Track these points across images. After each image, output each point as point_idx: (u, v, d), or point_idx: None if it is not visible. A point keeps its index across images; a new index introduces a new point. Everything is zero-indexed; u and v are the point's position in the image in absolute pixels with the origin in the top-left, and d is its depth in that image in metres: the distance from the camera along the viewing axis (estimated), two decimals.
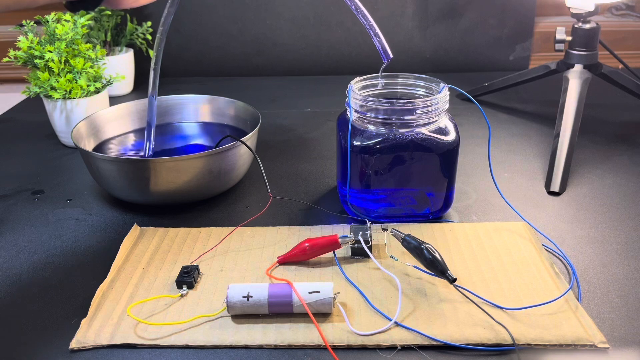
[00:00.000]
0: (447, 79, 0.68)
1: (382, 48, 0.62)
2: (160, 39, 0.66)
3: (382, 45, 0.62)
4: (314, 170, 0.82)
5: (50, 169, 0.84)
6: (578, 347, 0.47)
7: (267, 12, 1.25)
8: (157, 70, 0.69)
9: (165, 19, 0.65)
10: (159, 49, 0.67)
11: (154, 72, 0.69)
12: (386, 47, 0.62)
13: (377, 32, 0.61)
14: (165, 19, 0.65)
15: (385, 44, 0.62)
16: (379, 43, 0.61)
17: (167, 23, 0.65)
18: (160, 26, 0.66)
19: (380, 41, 0.61)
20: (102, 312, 0.52)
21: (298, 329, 0.49)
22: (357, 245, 0.58)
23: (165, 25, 0.65)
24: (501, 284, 0.55)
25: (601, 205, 0.70)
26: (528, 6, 1.25)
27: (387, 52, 0.62)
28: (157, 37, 0.66)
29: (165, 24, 0.65)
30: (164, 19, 0.65)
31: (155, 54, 0.67)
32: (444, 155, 0.62)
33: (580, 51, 0.89)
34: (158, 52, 0.67)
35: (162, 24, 0.65)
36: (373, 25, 0.61)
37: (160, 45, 0.66)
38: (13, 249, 0.64)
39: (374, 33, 0.61)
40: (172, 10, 0.64)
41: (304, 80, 1.26)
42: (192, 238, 0.63)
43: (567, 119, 0.80)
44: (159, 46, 0.67)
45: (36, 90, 0.86)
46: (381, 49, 0.62)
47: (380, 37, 0.61)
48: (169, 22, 0.65)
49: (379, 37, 0.61)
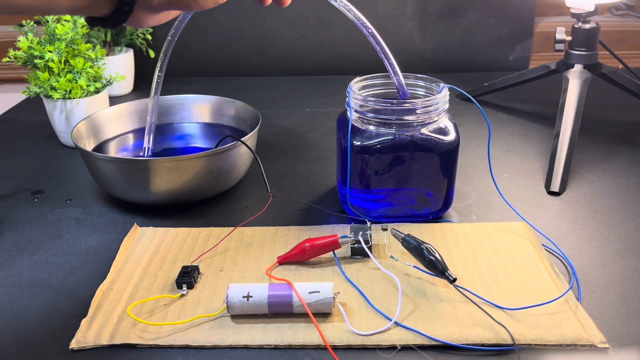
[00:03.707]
0: (447, 79, 0.68)
1: (400, 87, 0.64)
2: (167, 46, 0.66)
3: (401, 85, 0.64)
4: (314, 170, 0.82)
5: (50, 169, 0.84)
6: (578, 347, 0.47)
7: (267, 12, 1.25)
8: (162, 77, 0.69)
9: (173, 35, 0.65)
10: (164, 59, 0.67)
11: (159, 78, 0.69)
12: (404, 86, 0.64)
13: (396, 71, 0.63)
14: (173, 35, 0.65)
15: (403, 83, 0.64)
16: (397, 82, 0.64)
17: (173, 40, 0.65)
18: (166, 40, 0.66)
19: (399, 80, 0.64)
20: (102, 312, 0.52)
21: (298, 329, 0.49)
22: (357, 245, 0.58)
23: (171, 44, 0.66)
24: (501, 284, 0.55)
25: (601, 205, 0.70)
26: (528, 6, 1.25)
27: (405, 91, 0.65)
28: (164, 45, 0.66)
29: (171, 41, 0.65)
30: (170, 38, 0.65)
31: (160, 62, 0.67)
32: (444, 155, 0.62)
33: (580, 51, 0.89)
34: (163, 61, 0.67)
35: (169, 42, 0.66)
36: (393, 63, 0.63)
37: (167, 55, 0.66)
38: (13, 249, 0.64)
39: (393, 72, 0.63)
40: (180, 28, 0.64)
41: (304, 80, 1.26)
42: (192, 238, 0.63)
43: (567, 119, 0.80)
44: (165, 55, 0.67)
45: (36, 90, 0.86)
46: (399, 88, 0.64)
47: (399, 75, 0.64)
48: (175, 39, 0.65)
49: (397, 76, 0.64)
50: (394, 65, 0.63)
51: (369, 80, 0.67)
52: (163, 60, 0.67)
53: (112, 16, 0.43)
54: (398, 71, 0.63)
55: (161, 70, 0.68)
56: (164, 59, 0.67)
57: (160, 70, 0.68)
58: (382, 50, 0.62)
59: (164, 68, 0.68)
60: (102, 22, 0.44)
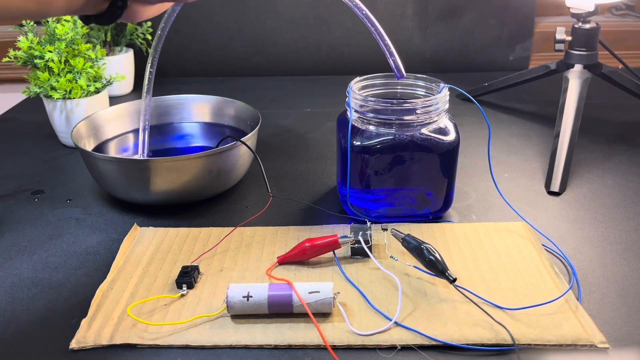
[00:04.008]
0: (447, 79, 0.68)
1: (396, 67, 0.63)
2: (157, 41, 0.66)
3: (397, 64, 0.63)
4: (314, 170, 0.82)
5: (50, 169, 0.84)
6: (578, 347, 0.47)
7: (267, 12, 1.25)
8: (153, 74, 0.68)
9: (162, 31, 0.65)
10: (155, 54, 0.66)
11: (150, 75, 0.68)
12: (400, 66, 0.63)
13: (392, 52, 0.62)
14: (162, 31, 0.65)
15: (399, 62, 0.63)
16: (394, 62, 0.63)
17: (163, 35, 0.65)
18: (156, 34, 0.65)
19: (395, 60, 0.62)
20: (102, 312, 0.52)
21: (298, 329, 0.49)
22: (357, 245, 0.58)
23: (161, 38, 0.65)
24: (501, 284, 0.55)
25: (601, 205, 0.70)
26: (528, 6, 1.25)
27: (401, 71, 0.63)
28: (155, 40, 0.66)
29: (161, 35, 0.65)
30: (160, 32, 0.65)
31: (151, 58, 0.67)
32: (444, 155, 0.62)
33: (580, 51, 0.89)
34: (154, 56, 0.67)
35: (158, 37, 0.65)
36: (388, 44, 0.62)
37: (156, 51, 0.66)
38: (13, 249, 0.64)
39: (389, 52, 0.62)
40: (169, 22, 0.64)
41: (304, 80, 1.26)
42: (192, 238, 0.63)
43: (567, 119, 0.80)
44: (155, 51, 0.66)
45: (36, 90, 0.86)
46: (395, 68, 0.63)
47: (395, 56, 0.62)
48: (165, 33, 0.65)
49: (394, 57, 0.62)
50: (389, 45, 0.62)
51: (369, 80, 0.67)
52: (154, 56, 0.66)
53: (107, 13, 0.42)
54: (394, 52, 0.62)
55: (152, 66, 0.67)
56: (155, 54, 0.66)
57: (151, 66, 0.67)
58: (376, 31, 0.61)
59: (154, 64, 0.67)
60: (97, 19, 0.43)
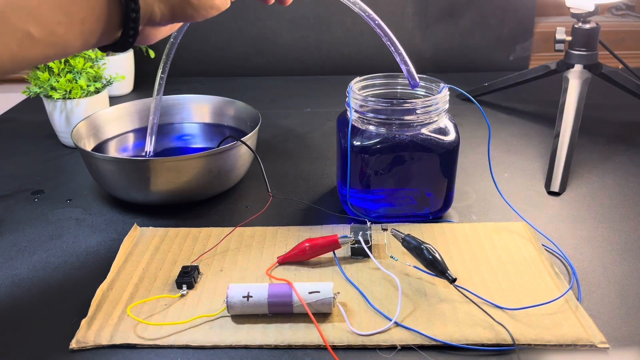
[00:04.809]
0: (447, 79, 0.68)
1: (411, 75, 0.62)
2: (170, 48, 0.66)
3: (411, 73, 0.62)
4: (314, 170, 0.82)
5: (50, 169, 0.84)
6: (578, 347, 0.47)
7: (267, 12, 1.25)
8: (164, 79, 0.69)
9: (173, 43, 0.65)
10: (167, 60, 0.67)
11: (161, 80, 0.69)
12: (414, 75, 0.62)
13: (406, 60, 0.61)
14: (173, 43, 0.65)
15: (413, 71, 0.62)
16: (407, 71, 0.62)
17: (175, 43, 0.65)
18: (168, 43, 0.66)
19: (409, 70, 0.61)
20: (102, 312, 0.52)
21: (298, 329, 0.49)
22: (357, 245, 0.58)
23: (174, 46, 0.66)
24: (501, 284, 0.55)
25: (601, 205, 0.70)
26: (528, 6, 1.25)
27: (415, 79, 0.62)
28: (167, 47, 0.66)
29: (174, 44, 0.65)
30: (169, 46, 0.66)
31: (163, 64, 0.67)
32: (444, 155, 0.62)
33: (580, 51, 0.89)
34: (166, 62, 0.67)
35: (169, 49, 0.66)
36: (402, 52, 0.61)
37: (169, 57, 0.67)
38: (13, 249, 0.64)
39: (403, 61, 0.61)
40: (178, 38, 0.65)
41: (304, 80, 1.26)
42: (192, 238, 0.63)
43: (567, 119, 0.80)
44: (168, 57, 0.67)
45: (36, 90, 0.86)
46: (409, 77, 0.62)
47: (409, 65, 0.61)
48: (177, 41, 0.65)
49: (408, 66, 0.61)
50: (402, 54, 0.61)
51: (369, 80, 0.67)
52: (165, 62, 0.67)
53: (121, 41, 0.44)
54: (407, 60, 0.61)
55: (164, 72, 0.68)
56: (167, 60, 0.67)
57: (162, 72, 0.68)
58: (389, 40, 0.60)
59: (166, 70, 0.68)
60: (113, 47, 0.45)
